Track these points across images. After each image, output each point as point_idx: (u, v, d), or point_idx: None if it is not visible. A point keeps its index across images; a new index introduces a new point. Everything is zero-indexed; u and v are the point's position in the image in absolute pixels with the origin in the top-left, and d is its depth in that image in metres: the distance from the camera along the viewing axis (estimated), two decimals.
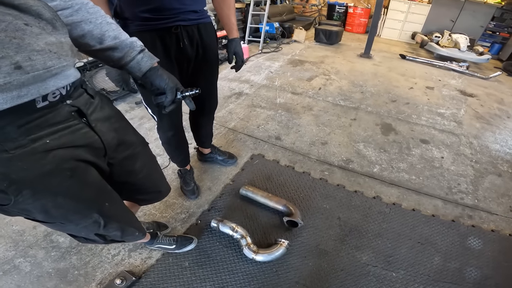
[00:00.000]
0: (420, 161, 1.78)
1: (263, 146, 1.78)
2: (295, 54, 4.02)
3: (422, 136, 2.06)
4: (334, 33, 4.71)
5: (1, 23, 0.38)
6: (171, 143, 1.22)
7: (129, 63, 0.60)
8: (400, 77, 3.31)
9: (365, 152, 1.81)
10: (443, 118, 2.36)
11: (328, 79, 3.03)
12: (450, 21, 5.22)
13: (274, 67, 3.35)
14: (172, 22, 0.89)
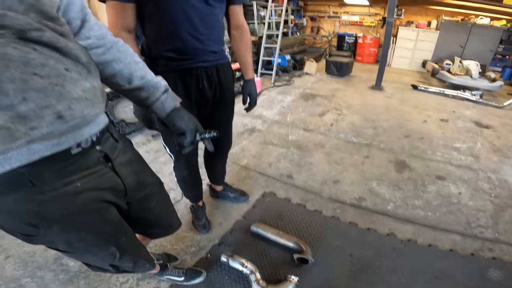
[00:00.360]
0: (436, 197, 1.96)
1: (275, 184, 2.04)
2: (307, 87, 4.48)
3: (438, 172, 2.26)
4: (345, 65, 5.20)
5: (45, 68, 0.44)
6: (186, 181, 1.46)
7: (154, 103, 0.70)
8: (413, 109, 3.62)
9: (379, 190, 2.02)
10: (459, 152, 2.58)
11: (339, 114, 3.37)
12: (460, 46, 5.68)
13: (286, 102, 3.76)
14: (193, 64, 1.06)
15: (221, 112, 1.26)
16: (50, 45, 0.44)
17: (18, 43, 0.40)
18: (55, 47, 0.45)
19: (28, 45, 0.42)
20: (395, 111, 3.54)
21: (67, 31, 0.50)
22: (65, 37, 0.48)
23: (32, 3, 0.43)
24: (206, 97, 1.15)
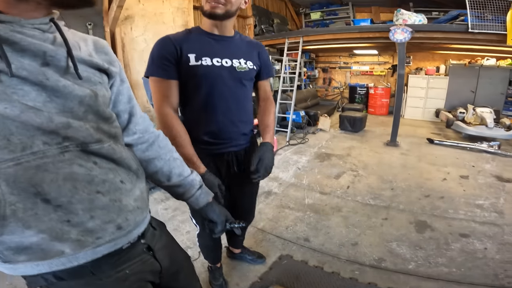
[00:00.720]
0: (460, 254, 2.16)
1: (292, 247, 2.31)
2: (322, 146, 4.96)
3: (461, 230, 2.49)
4: (359, 120, 5.77)
5: (106, 183, 0.56)
6: (208, 247, 1.76)
7: (189, 199, 0.87)
8: (431, 167, 3.95)
9: (399, 251, 2.25)
10: (483, 209, 2.81)
11: (356, 175, 3.74)
12: (471, 92, 6.25)
13: (301, 163, 4.20)
14: (225, 148, 1.28)
15: (247, 189, 1.48)
16: (108, 157, 0.58)
17: (81, 157, 0.52)
18: (111, 159, 0.58)
19: (90, 159, 0.54)
20: (413, 170, 3.87)
21: (118, 132, 0.66)
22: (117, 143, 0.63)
23: (90, 104, 0.56)
24: (236, 178, 1.37)
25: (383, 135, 5.44)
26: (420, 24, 4.97)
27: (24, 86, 0.46)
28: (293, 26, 8.83)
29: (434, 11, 6.83)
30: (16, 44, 0.46)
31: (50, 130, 0.48)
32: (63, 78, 0.52)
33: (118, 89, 0.71)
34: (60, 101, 0.51)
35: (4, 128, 0.43)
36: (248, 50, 1.31)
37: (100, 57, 0.66)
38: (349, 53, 8.80)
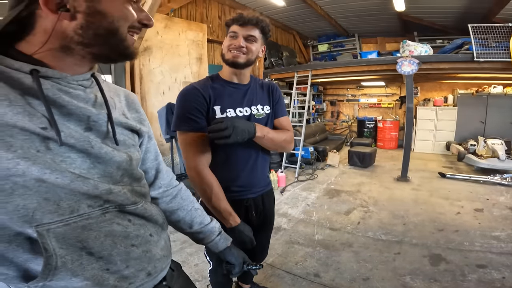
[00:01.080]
0: (478, 284, 2.22)
1: (301, 283, 2.38)
2: (331, 182, 5.12)
3: (478, 261, 2.55)
4: (368, 155, 5.96)
5: (138, 238, 0.65)
6: (219, 283, 1.82)
7: (209, 243, 0.96)
8: (443, 201, 4.05)
9: (413, 284, 2.29)
10: (499, 241, 2.87)
11: (366, 211, 3.85)
12: (480, 122, 6.48)
13: (310, 199, 4.34)
14: (244, 195, 1.38)
15: (262, 230, 1.57)
16: (140, 215, 0.67)
17: (119, 217, 0.62)
18: (143, 216, 0.68)
19: (126, 217, 0.63)
20: (425, 205, 3.97)
21: (147, 191, 0.76)
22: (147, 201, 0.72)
23: (126, 168, 0.66)
24: (253, 222, 1.45)
25: (393, 170, 5.60)
26: (426, 55, 5.31)
27: (71, 154, 0.53)
28: (301, 58, 9.46)
29: (438, 39, 7.34)
30: (64, 107, 0.54)
31: (94, 195, 0.56)
32: (103, 143, 0.60)
33: (146, 146, 0.81)
34: (102, 167, 0.59)
35: (55, 195, 0.50)
36: (263, 94, 1.43)
37: (132, 116, 0.76)
38: (356, 85, 9.30)
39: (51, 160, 0.49)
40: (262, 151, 1.40)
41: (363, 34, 8.86)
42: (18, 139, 0.46)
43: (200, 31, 5.58)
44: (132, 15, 0.57)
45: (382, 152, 7.41)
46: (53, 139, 0.50)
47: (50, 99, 0.51)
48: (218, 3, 6.28)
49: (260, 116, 1.37)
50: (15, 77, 0.48)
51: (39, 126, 0.48)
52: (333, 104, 9.92)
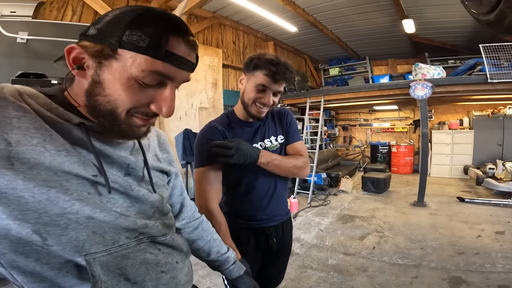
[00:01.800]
0: None
1: None
2: (344, 207, 5.16)
3: (500, 282, 2.57)
4: (382, 181, 5.99)
5: (167, 265, 0.72)
6: None
7: (223, 271, 1.05)
8: (463, 225, 4.05)
9: None
10: None
11: (382, 236, 3.86)
12: (498, 145, 6.50)
13: (323, 224, 4.37)
14: (265, 223, 1.43)
15: (281, 255, 1.62)
16: (168, 245, 0.76)
17: (151, 246, 0.70)
18: (171, 246, 0.77)
19: (156, 247, 0.72)
20: (444, 229, 3.96)
21: (174, 223, 0.85)
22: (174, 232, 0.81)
23: (158, 206, 0.76)
24: (272, 248, 1.51)
25: (409, 195, 5.62)
26: (439, 78, 5.41)
27: (115, 195, 0.64)
28: (312, 82, 9.73)
29: (450, 59, 7.52)
30: (108, 157, 0.64)
31: (132, 229, 0.66)
32: (140, 186, 0.70)
33: (174, 183, 0.92)
34: (138, 205, 0.70)
35: (101, 229, 0.60)
36: (276, 124, 1.49)
37: (163, 156, 0.87)
38: (369, 109, 9.44)
39: (99, 201, 0.60)
40: (280, 180, 1.47)
41: (374, 57, 9.14)
42: (73, 183, 0.56)
43: (215, 56, 5.89)
44: (135, 100, 0.58)
45: (397, 177, 7.43)
46: (101, 184, 0.60)
47: (97, 149, 0.61)
48: (232, 29, 6.67)
49: (274, 148, 1.44)
50: (66, 129, 0.57)
51: (91, 173, 0.59)
52: (345, 129, 10.05)
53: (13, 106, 0.52)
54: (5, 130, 0.49)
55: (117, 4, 4.72)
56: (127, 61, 0.55)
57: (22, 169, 0.49)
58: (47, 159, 0.52)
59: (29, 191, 0.49)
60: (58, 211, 0.53)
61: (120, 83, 0.56)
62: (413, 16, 5.81)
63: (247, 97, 1.32)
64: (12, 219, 0.49)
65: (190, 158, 4.38)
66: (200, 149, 1.34)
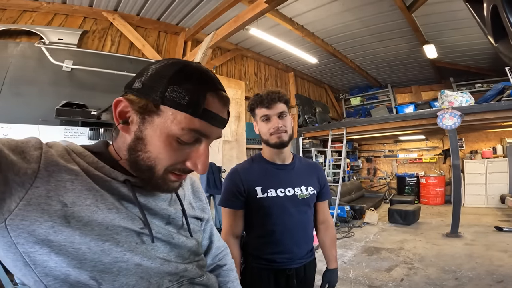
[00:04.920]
0: None
1: None
2: (369, 239, 4.94)
3: None
4: (411, 213, 5.72)
5: None
6: None
7: None
8: (502, 254, 3.77)
9: None
10: None
11: (411, 268, 3.63)
12: None
13: (347, 257, 4.18)
14: (287, 265, 1.43)
15: None
16: (204, 285, 0.80)
17: (189, 286, 0.75)
18: (206, 285, 0.81)
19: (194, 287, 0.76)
20: (481, 258, 3.69)
21: (205, 262, 0.88)
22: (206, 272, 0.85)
23: (194, 250, 0.80)
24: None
25: (441, 226, 5.31)
26: (468, 105, 5.17)
27: (158, 243, 0.69)
28: (334, 113, 9.69)
29: (477, 83, 7.33)
30: (151, 210, 0.70)
31: (174, 273, 0.71)
32: (179, 234, 0.76)
33: (204, 227, 0.97)
34: (177, 250, 0.74)
35: (147, 275, 0.65)
36: (308, 175, 1.54)
37: (197, 204, 0.92)
38: (394, 140, 9.21)
39: (145, 249, 0.65)
40: (308, 226, 1.52)
41: (397, 84, 9.05)
42: (123, 236, 0.62)
43: (238, 88, 6.10)
44: (173, 158, 0.62)
45: (427, 209, 7.09)
46: (146, 234, 0.66)
47: (141, 204, 0.67)
48: (254, 60, 6.93)
49: (304, 197, 1.47)
50: (114, 186, 0.63)
51: (138, 227, 0.64)
52: (369, 160, 9.83)
53: (65, 170, 0.58)
54: (60, 193, 0.55)
55: (149, 36, 5.13)
56: (168, 118, 0.59)
57: (78, 225, 0.56)
58: (100, 216, 0.59)
59: (85, 244, 0.56)
60: (111, 260, 0.59)
61: (160, 141, 0.60)
62: (434, 41, 5.86)
63: (263, 133, 1.44)
64: (72, 267, 0.55)
65: (213, 191, 4.56)
66: (224, 190, 1.47)
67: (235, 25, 3.85)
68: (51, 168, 0.56)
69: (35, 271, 0.54)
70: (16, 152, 0.53)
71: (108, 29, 4.71)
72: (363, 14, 5.11)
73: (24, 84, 3.76)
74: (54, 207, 0.54)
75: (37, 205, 0.53)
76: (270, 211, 1.41)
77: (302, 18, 5.21)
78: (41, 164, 0.55)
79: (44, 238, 0.53)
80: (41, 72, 3.90)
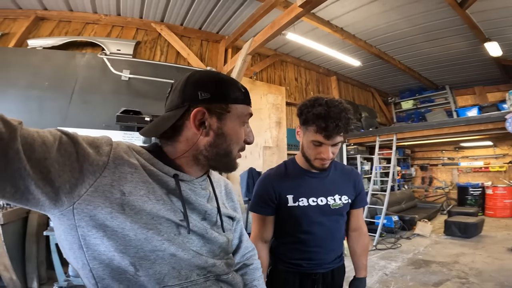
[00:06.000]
0: None
1: None
2: (418, 252, 4.55)
3: None
4: (472, 226, 5.19)
5: None
6: None
7: None
8: None
9: None
10: None
11: (464, 282, 3.27)
12: None
13: (390, 268, 3.89)
14: (313, 270, 1.40)
15: None
16: (229, 283, 0.83)
17: (215, 284, 0.78)
18: (231, 284, 0.84)
19: (219, 284, 0.80)
20: None
21: (233, 261, 0.93)
22: (233, 271, 0.89)
23: (224, 247, 0.85)
24: None
25: (507, 240, 4.72)
26: None
27: (193, 237, 0.75)
28: (382, 118, 9.12)
29: None
30: (192, 204, 0.77)
31: (203, 267, 0.75)
32: (212, 229, 0.81)
33: (235, 227, 1.01)
34: (210, 246, 0.80)
35: (179, 265, 0.70)
36: (343, 182, 1.47)
37: (229, 204, 0.98)
38: (455, 146, 8.36)
39: (181, 241, 0.72)
40: (338, 233, 1.47)
41: (456, 85, 8.21)
42: (165, 226, 0.69)
43: (279, 94, 6.11)
44: (240, 138, 0.80)
45: (493, 221, 6.37)
46: (183, 226, 0.73)
47: (184, 198, 0.75)
48: (294, 65, 6.88)
49: (337, 206, 1.42)
50: (164, 180, 0.73)
51: (179, 219, 0.72)
52: (424, 169, 9.06)
53: (128, 164, 0.68)
54: (121, 183, 0.65)
55: (193, 44, 5.45)
56: (236, 111, 0.77)
57: (131, 214, 0.64)
58: (149, 206, 0.67)
59: (133, 231, 0.63)
60: (151, 248, 0.66)
61: (238, 127, 0.79)
62: (496, 38, 5.27)
63: (308, 153, 1.34)
64: (118, 252, 0.62)
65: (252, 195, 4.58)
66: (254, 195, 1.47)
67: (272, 31, 3.89)
68: (117, 161, 0.66)
69: (85, 254, 0.62)
70: (92, 146, 0.64)
71: (157, 39, 5.11)
72: (408, 13, 4.81)
73: (90, 93, 4.24)
74: (115, 195, 0.63)
75: (102, 192, 0.62)
76: (301, 220, 1.38)
77: (340, 20, 5.08)
78: (110, 157, 0.65)
79: (101, 223, 0.61)
80: (104, 81, 4.34)
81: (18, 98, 3.96)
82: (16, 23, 4.46)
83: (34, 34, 4.48)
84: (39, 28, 4.55)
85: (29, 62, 4.12)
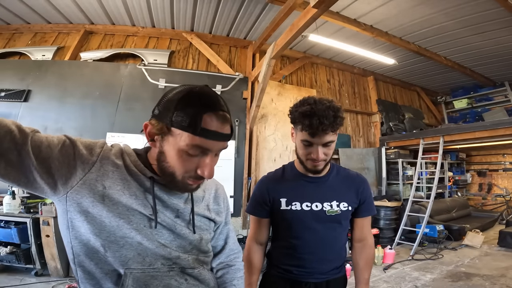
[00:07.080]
0: None
1: None
2: (462, 264, 4.17)
3: None
4: None
5: None
6: None
7: None
8: None
9: None
10: None
11: None
12: None
13: (422, 280, 3.63)
14: (305, 278, 1.36)
15: None
16: (195, 277, 0.89)
17: (179, 275, 0.85)
18: (198, 279, 0.90)
19: (184, 277, 0.86)
20: None
21: (209, 261, 0.99)
22: (205, 268, 0.95)
23: (196, 245, 0.90)
24: None
25: None
26: None
27: (163, 230, 0.83)
28: (430, 119, 8.43)
29: None
30: (164, 202, 0.85)
31: (168, 258, 0.83)
32: (184, 227, 0.88)
33: (221, 230, 1.09)
34: (180, 241, 0.87)
35: (144, 253, 0.79)
36: (344, 188, 1.40)
37: (213, 207, 1.02)
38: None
39: (150, 232, 0.81)
40: (336, 243, 1.41)
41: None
42: (137, 218, 0.79)
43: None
44: (186, 167, 0.79)
45: None
46: (154, 220, 0.82)
47: (157, 196, 0.84)
48: (325, 67, 6.70)
49: (333, 213, 1.35)
50: (141, 180, 0.82)
51: (149, 212, 0.81)
52: (482, 174, 8.17)
53: (112, 163, 0.80)
54: (104, 178, 0.77)
55: (222, 51, 5.65)
56: (177, 137, 0.76)
57: (109, 204, 0.76)
58: (124, 199, 0.78)
59: (108, 218, 0.75)
60: (121, 235, 0.77)
61: (174, 154, 0.78)
62: None
63: (299, 154, 1.33)
64: (93, 234, 0.75)
65: None
66: (251, 196, 1.50)
67: (291, 33, 3.89)
68: (103, 161, 0.79)
69: (70, 234, 0.76)
70: (87, 148, 0.79)
71: (189, 48, 5.43)
72: (444, 6, 4.45)
73: (132, 101, 4.69)
74: (98, 188, 0.76)
75: (88, 185, 0.76)
76: (293, 224, 1.36)
77: (368, 17, 4.87)
78: (99, 157, 0.79)
79: (85, 209, 0.75)
80: (143, 90, 4.77)
81: (75, 106, 4.55)
82: (69, 37, 5.13)
83: (85, 47, 5.11)
84: (88, 41, 5.17)
85: (82, 73, 4.72)
